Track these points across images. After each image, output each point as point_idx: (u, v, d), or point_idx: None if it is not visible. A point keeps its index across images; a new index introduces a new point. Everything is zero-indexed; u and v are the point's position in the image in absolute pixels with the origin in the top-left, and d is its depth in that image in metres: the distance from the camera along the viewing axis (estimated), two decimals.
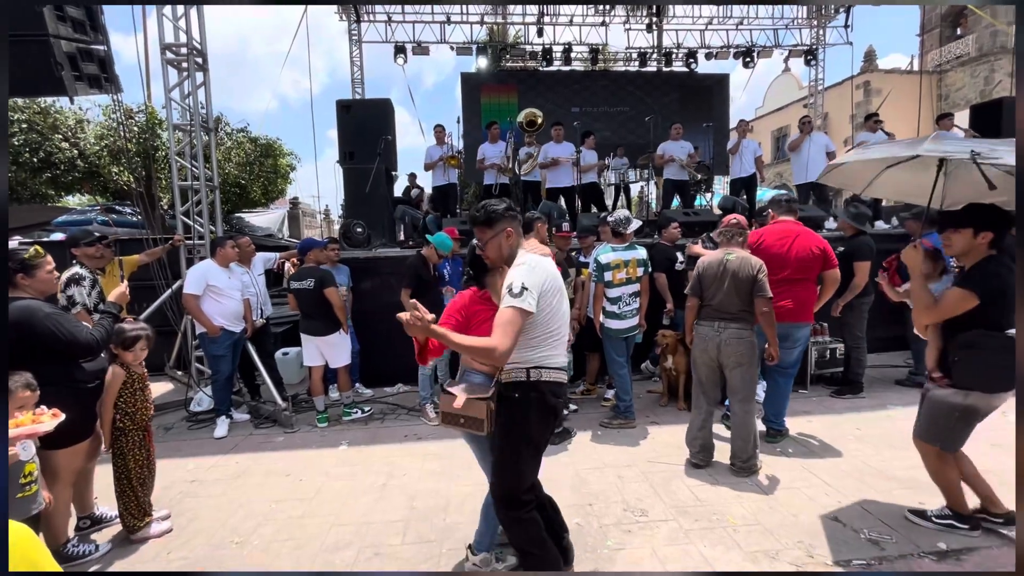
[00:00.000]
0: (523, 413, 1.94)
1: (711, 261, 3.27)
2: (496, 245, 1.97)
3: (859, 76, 20.21)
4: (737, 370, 3.14)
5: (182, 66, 5.21)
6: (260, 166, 11.60)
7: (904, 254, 2.33)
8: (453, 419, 2.01)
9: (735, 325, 3.13)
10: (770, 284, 3.63)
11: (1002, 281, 2.15)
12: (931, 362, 2.38)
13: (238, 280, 4.38)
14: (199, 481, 3.39)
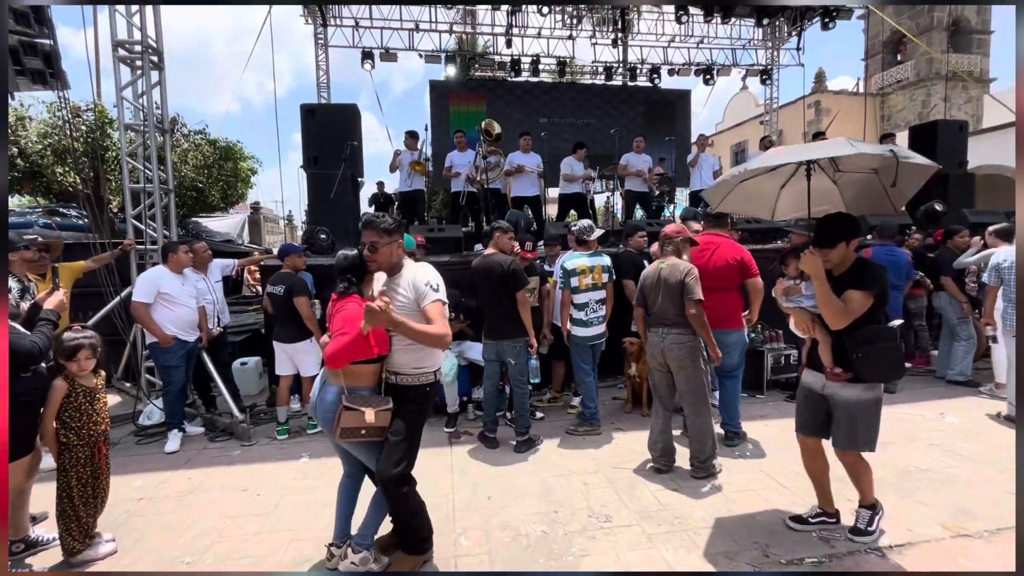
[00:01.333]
0: (425, 408, 2.36)
1: (650, 271, 3.44)
2: (389, 252, 2.23)
3: (810, 96, 21.32)
4: (681, 373, 3.24)
5: (135, 64, 5.00)
6: (219, 169, 11.20)
7: (804, 263, 2.35)
8: (354, 433, 2.16)
9: (675, 331, 3.25)
10: None
11: (883, 279, 2.32)
12: (828, 360, 2.41)
13: (192, 287, 4.22)
14: (147, 499, 3.21)
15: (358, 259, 2.30)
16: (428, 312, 2.15)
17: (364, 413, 2.13)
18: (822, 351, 2.44)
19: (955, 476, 3.18)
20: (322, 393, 2.29)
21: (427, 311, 2.15)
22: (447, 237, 6.10)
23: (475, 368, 4.50)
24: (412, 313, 2.17)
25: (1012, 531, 2.58)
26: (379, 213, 2.30)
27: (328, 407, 2.22)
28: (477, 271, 3.88)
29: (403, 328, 2.05)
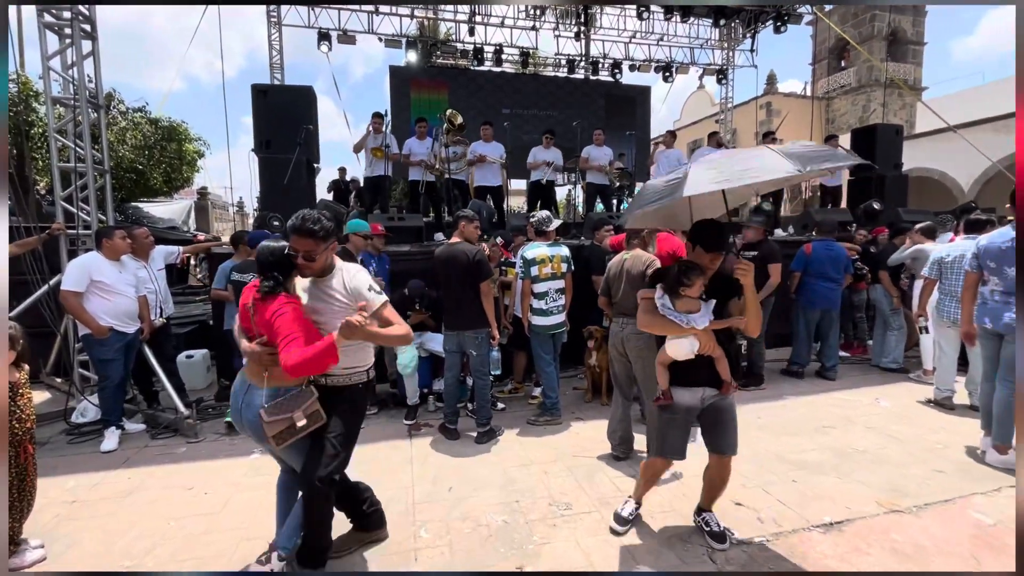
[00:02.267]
0: (362, 406, 2.35)
1: (615, 262, 3.49)
2: (324, 257, 2.14)
3: (762, 97, 22.17)
4: (639, 363, 3.26)
5: (64, 32, 4.60)
6: (161, 151, 10.55)
7: (745, 275, 2.11)
8: (290, 434, 2.06)
9: (632, 322, 3.18)
10: None
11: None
12: (728, 374, 2.28)
13: (132, 275, 3.94)
14: (80, 502, 3.00)
15: (283, 255, 2.08)
16: (385, 316, 2.14)
17: (291, 418, 2.04)
18: (721, 367, 2.27)
19: (889, 457, 3.40)
20: (247, 397, 2.12)
21: (384, 315, 2.14)
22: (408, 226, 5.97)
23: (436, 360, 4.44)
24: (348, 314, 2.04)
25: (940, 506, 2.79)
26: (315, 217, 2.08)
27: (256, 411, 2.06)
28: (441, 260, 3.81)
29: (377, 338, 2.08)
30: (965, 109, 15.44)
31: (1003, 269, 3.17)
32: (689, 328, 2.19)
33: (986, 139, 13.41)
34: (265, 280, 2.07)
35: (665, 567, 2.30)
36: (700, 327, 2.19)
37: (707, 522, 2.52)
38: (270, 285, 2.06)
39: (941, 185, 16.64)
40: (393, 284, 4.81)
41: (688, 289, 2.17)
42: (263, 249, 2.12)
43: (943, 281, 4.24)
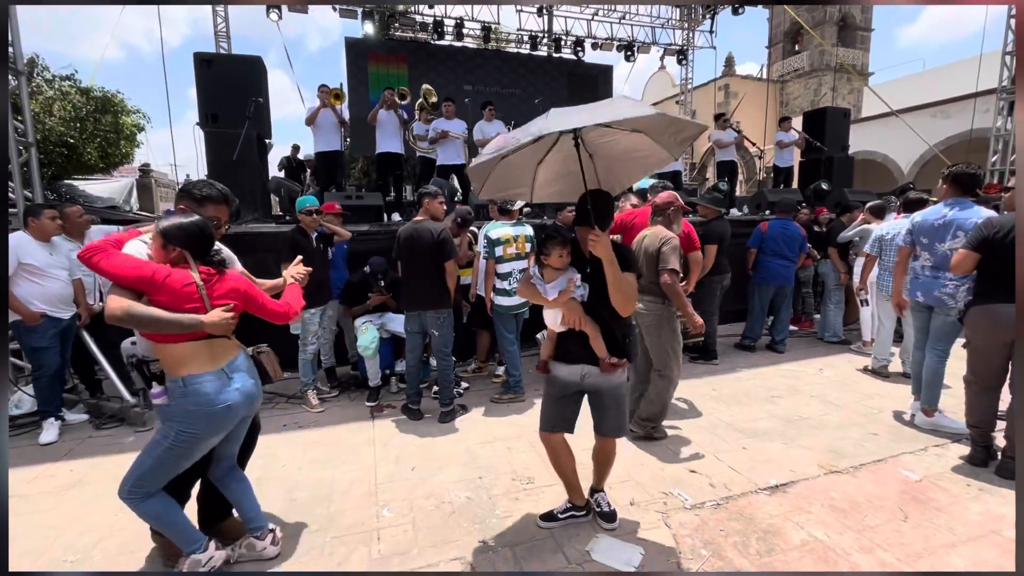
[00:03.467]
0: None
1: (639, 237, 3.41)
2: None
3: (721, 79, 22.60)
4: (649, 338, 3.33)
5: None
6: (95, 123, 9.77)
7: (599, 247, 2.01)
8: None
9: (646, 298, 3.27)
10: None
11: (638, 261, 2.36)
12: (603, 350, 2.20)
13: (64, 257, 3.69)
14: (19, 496, 2.84)
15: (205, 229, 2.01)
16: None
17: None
18: (595, 343, 2.20)
19: (829, 422, 3.63)
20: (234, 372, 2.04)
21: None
22: (367, 205, 5.81)
23: (397, 340, 4.39)
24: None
25: (873, 465, 3.01)
26: (207, 183, 2.24)
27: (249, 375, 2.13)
28: (404, 238, 3.73)
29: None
30: (907, 95, 16.26)
31: (934, 245, 3.38)
32: (548, 299, 2.19)
33: (925, 124, 14.20)
34: (216, 256, 2.02)
35: (621, 532, 2.38)
36: (549, 298, 2.18)
37: (597, 503, 2.50)
38: (221, 259, 2.05)
39: (883, 167, 17.57)
40: (352, 264, 4.70)
41: (547, 258, 2.20)
42: (202, 226, 1.98)
43: (883, 257, 4.50)
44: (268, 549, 2.25)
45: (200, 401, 1.92)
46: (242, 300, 2.05)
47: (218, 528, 2.34)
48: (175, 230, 1.92)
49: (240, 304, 2.04)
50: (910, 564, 2.15)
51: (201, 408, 1.93)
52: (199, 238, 1.96)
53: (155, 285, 1.85)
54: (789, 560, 2.19)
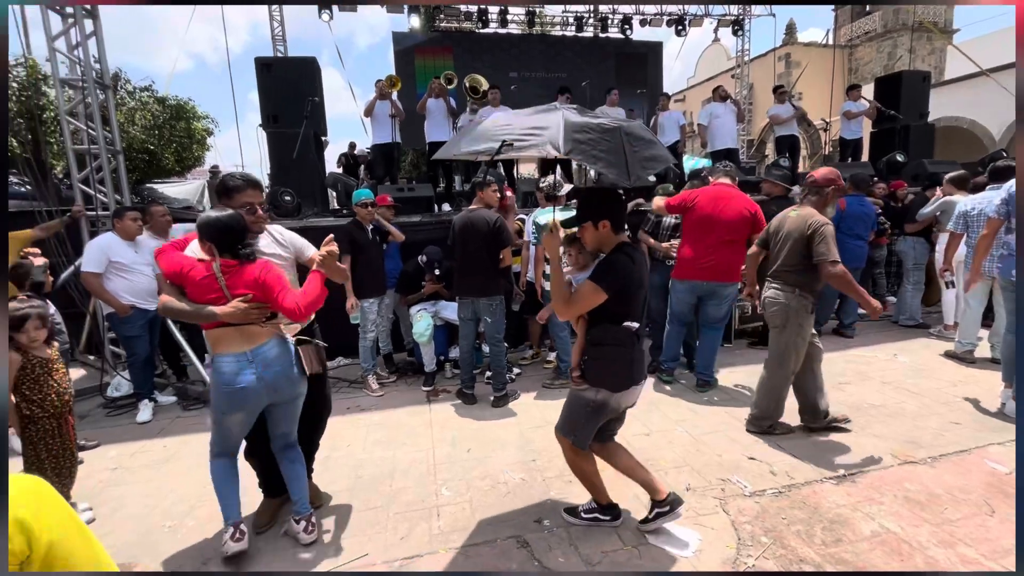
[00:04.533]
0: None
1: (779, 216, 3.12)
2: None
3: (781, 48, 21.21)
4: (772, 331, 3.08)
5: (66, 12, 4.58)
6: (171, 130, 10.56)
7: (544, 239, 2.12)
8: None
9: (774, 285, 3.02)
10: (702, 243, 3.77)
11: (623, 274, 2.01)
12: (574, 359, 2.21)
13: (148, 254, 4.03)
14: (122, 468, 3.18)
15: (243, 220, 2.15)
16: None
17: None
18: (574, 349, 2.22)
19: (904, 410, 3.40)
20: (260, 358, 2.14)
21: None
22: (418, 196, 5.97)
23: (451, 328, 4.51)
24: (287, 266, 2.35)
25: (955, 456, 2.80)
26: (241, 175, 2.30)
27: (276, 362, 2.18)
28: (460, 227, 3.81)
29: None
30: (998, 52, 14.60)
31: None
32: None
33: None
34: (242, 248, 2.11)
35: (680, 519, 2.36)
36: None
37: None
38: (249, 251, 2.13)
39: (970, 134, 15.93)
40: (406, 255, 4.85)
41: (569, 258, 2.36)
42: (226, 221, 2.08)
43: (970, 235, 4.12)
44: (301, 535, 2.31)
45: (218, 380, 2.12)
46: (260, 291, 2.08)
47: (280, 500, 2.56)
48: (203, 224, 2.08)
49: (259, 295, 2.09)
50: (997, 561, 2.01)
51: (219, 386, 2.12)
52: (222, 231, 2.07)
53: (183, 279, 2.08)
54: (858, 552, 2.10)
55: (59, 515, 0.81)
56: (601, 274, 2.02)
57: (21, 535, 0.75)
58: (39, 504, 0.79)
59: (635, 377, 2.10)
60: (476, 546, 2.26)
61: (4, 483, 0.73)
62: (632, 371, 2.08)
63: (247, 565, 2.21)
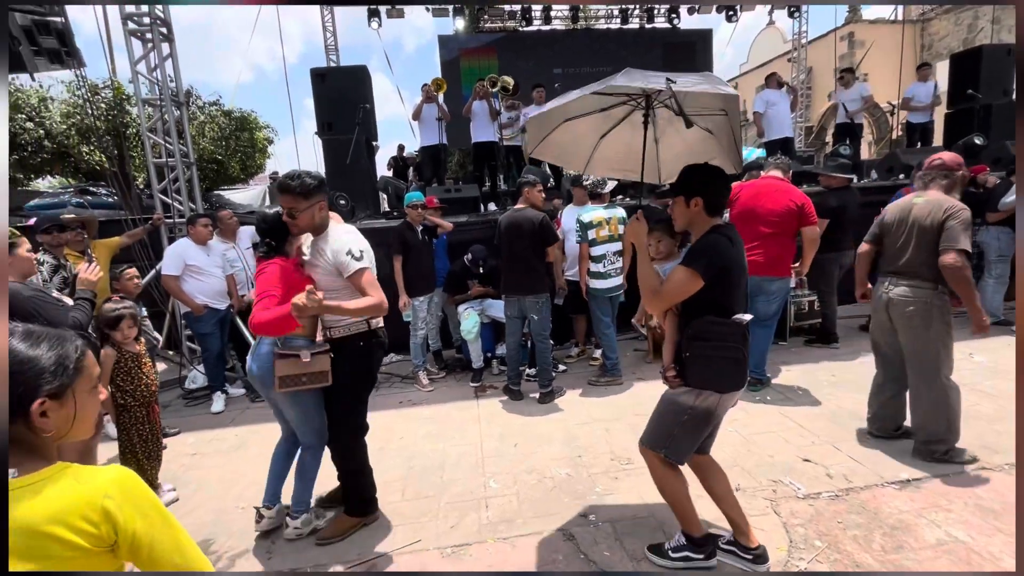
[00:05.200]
0: (368, 356, 2.34)
1: (898, 205, 2.79)
2: (309, 215, 2.15)
3: (843, 28, 19.92)
4: (908, 333, 2.66)
5: (146, 37, 5.02)
6: (236, 140, 11.30)
7: (628, 228, 2.03)
8: (295, 380, 2.16)
9: (905, 282, 2.66)
10: (745, 237, 3.70)
11: (720, 255, 1.80)
12: (667, 358, 2.00)
13: (218, 257, 4.37)
14: (200, 454, 3.48)
15: (276, 220, 2.22)
16: (356, 283, 2.11)
17: (299, 355, 2.14)
18: (665, 348, 2.03)
19: (980, 412, 3.17)
20: (257, 347, 2.30)
21: (355, 283, 2.11)
22: (464, 197, 6.11)
23: (498, 325, 4.60)
24: (332, 277, 2.17)
25: None
26: (295, 174, 2.14)
27: (264, 360, 2.22)
28: (506, 226, 3.88)
29: (336, 311, 2.07)
30: None
31: None
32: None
33: None
34: (260, 246, 2.29)
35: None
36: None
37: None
38: (264, 251, 2.26)
39: None
40: (452, 254, 4.99)
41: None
42: (257, 218, 2.30)
43: None
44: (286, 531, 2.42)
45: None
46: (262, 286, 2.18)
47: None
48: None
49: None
50: None
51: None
52: (257, 230, 2.31)
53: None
54: (921, 560, 2.00)
55: (144, 505, 0.87)
56: (695, 256, 1.81)
57: (107, 523, 0.82)
58: (124, 495, 0.85)
59: (745, 377, 1.88)
60: (523, 537, 2.33)
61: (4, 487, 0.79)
62: (744, 370, 1.85)
63: (298, 544, 2.38)
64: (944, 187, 2.70)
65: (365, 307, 2.09)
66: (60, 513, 0.79)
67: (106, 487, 0.84)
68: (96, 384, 0.96)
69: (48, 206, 7.93)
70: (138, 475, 0.91)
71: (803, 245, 3.74)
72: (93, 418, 0.96)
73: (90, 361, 0.93)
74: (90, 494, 0.82)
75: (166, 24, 5.08)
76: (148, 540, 0.86)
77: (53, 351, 0.86)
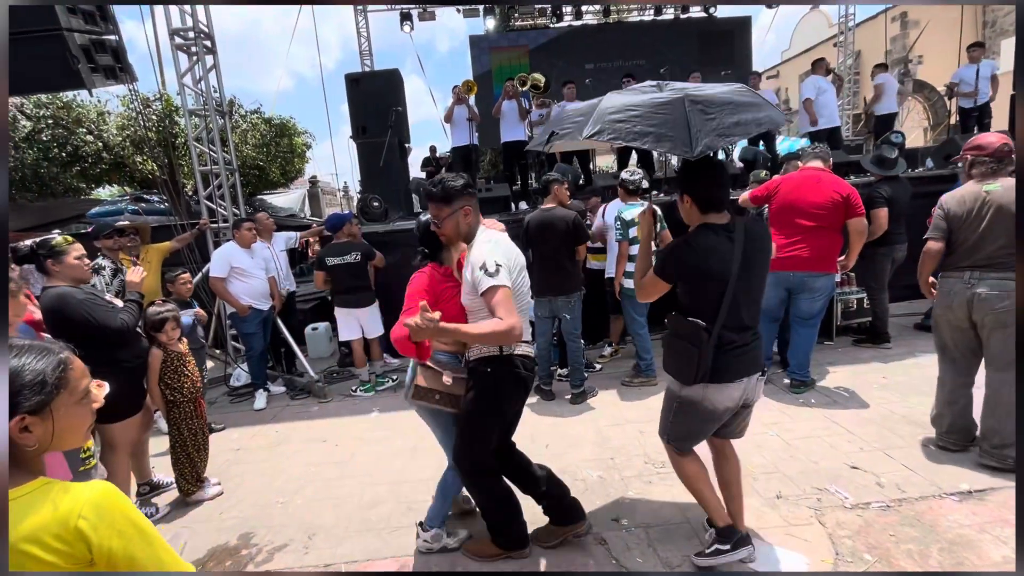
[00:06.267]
0: (495, 386, 2.00)
1: (963, 195, 2.59)
2: (453, 223, 1.94)
3: (894, 8, 18.80)
4: (998, 332, 2.46)
5: (191, 51, 5.25)
6: (276, 146, 11.69)
7: (641, 219, 2.09)
8: (428, 394, 2.05)
9: (994, 275, 2.46)
10: (786, 232, 3.50)
11: (675, 262, 1.89)
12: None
13: (261, 259, 4.53)
14: (243, 449, 3.62)
15: (427, 228, 2.10)
16: (488, 302, 1.80)
17: (442, 374, 2.01)
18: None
19: None
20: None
21: (487, 302, 1.81)
22: (496, 196, 6.12)
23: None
24: (473, 295, 1.90)
25: None
26: (438, 180, 1.96)
27: (414, 367, 2.14)
28: (535, 225, 3.85)
29: (457, 335, 1.80)
30: None
31: None
32: None
33: None
34: (416, 253, 2.21)
35: (765, 525, 2.24)
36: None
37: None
38: (418, 259, 2.18)
39: None
40: None
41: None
42: (418, 223, 2.25)
43: None
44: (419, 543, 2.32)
45: None
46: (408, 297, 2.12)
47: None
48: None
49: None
50: None
51: None
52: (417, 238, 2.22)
53: None
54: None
55: (121, 523, 0.87)
56: (656, 259, 1.94)
57: (81, 543, 0.83)
58: (99, 514, 0.85)
59: (698, 375, 1.86)
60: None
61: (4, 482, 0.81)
62: (696, 369, 1.85)
63: (337, 535, 2.43)
64: (1011, 172, 2.50)
65: (486, 332, 1.76)
66: (35, 532, 0.80)
67: (81, 507, 0.84)
68: (86, 395, 0.97)
69: (107, 213, 8.45)
70: (120, 492, 0.92)
71: (850, 237, 3.54)
72: (83, 428, 0.97)
73: (75, 374, 0.94)
74: (64, 515, 0.83)
75: (210, 37, 5.30)
76: (126, 557, 0.87)
77: (31, 368, 0.88)
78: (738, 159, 6.87)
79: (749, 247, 1.84)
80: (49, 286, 2.43)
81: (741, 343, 1.88)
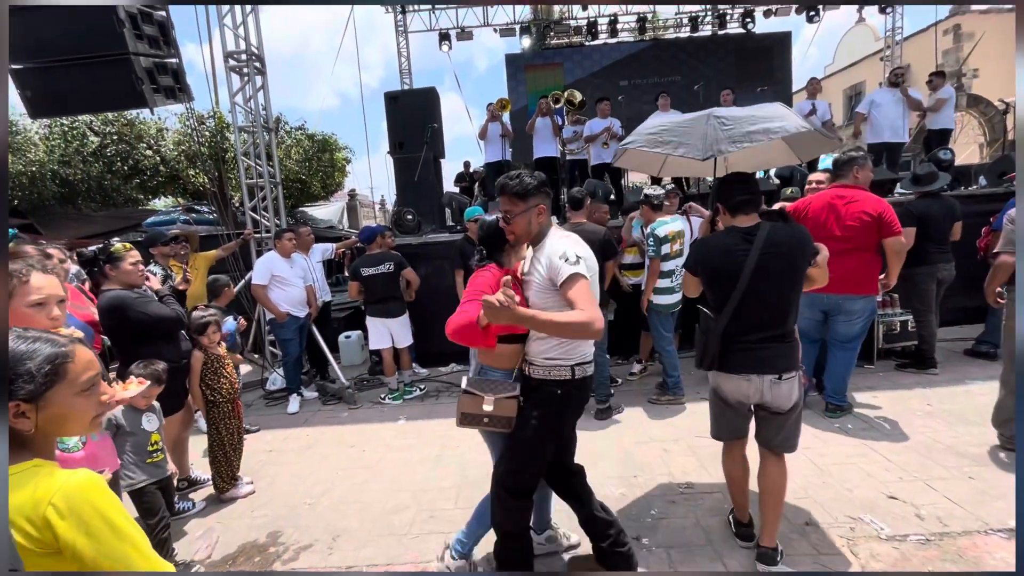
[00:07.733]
0: (560, 410, 1.92)
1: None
2: (525, 220, 1.83)
3: (946, 20, 18.10)
4: None
5: (243, 71, 5.59)
6: (318, 161, 12.19)
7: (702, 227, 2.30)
8: (476, 420, 1.91)
9: None
10: None
11: (694, 256, 2.20)
12: None
13: (300, 268, 4.72)
14: (276, 451, 3.75)
15: (493, 227, 2.01)
16: (566, 293, 1.68)
17: (482, 399, 1.87)
18: None
19: None
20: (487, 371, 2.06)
21: (565, 292, 1.69)
22: None
23: None
24: (546, 293, 1.80)
25: None
26: (515, 174, 1.87)
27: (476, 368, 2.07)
28: None
29: (533, 323, 1.68)
30: None
31: None
32: None
33: None
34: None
35: (794, 553, 2.16)
36: None
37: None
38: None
39: None
40: None
41: None
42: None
43: None
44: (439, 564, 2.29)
45: None
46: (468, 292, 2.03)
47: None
48: None
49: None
50: None
51: None
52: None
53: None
54: None
55: (93, 521, 0.86)
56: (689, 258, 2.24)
57: (47, 530, 0.83)
58: (70, 507, 0.85)
59: (705, 361, 2.14)
60: (573, 555, 2.29)
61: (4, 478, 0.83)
62: (702, 354, 2.15)
63: (361, 537, 2.48)
64: None
65: (569, 322, 1.64)
66: (10, 512, 0.82)
67: (53, 495, 0.85)
68: (90, 387, 0.99)
69: (161, 223, 9.02)
70: (101, 484, 0.91)
71: (887, 257, 3.40)
72: (85, 418, 1.00)
73: (77, 367, 0.96)
74: (37, 500, 0.84)
75: (260, 59, 5.64)
76: (91, 557, 0.86)
77: (29, 358, 0.91)
78: (774, 175, 6.72)
79: (766, 251, 1.97)
80: (106, 289, 2.62)
81: (749, 341, 2.02)
